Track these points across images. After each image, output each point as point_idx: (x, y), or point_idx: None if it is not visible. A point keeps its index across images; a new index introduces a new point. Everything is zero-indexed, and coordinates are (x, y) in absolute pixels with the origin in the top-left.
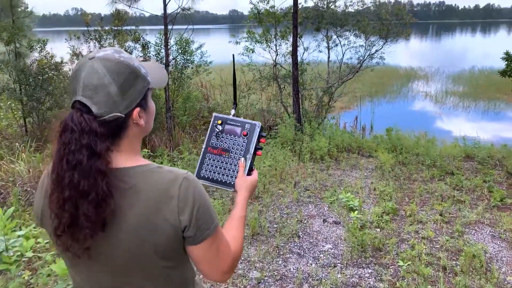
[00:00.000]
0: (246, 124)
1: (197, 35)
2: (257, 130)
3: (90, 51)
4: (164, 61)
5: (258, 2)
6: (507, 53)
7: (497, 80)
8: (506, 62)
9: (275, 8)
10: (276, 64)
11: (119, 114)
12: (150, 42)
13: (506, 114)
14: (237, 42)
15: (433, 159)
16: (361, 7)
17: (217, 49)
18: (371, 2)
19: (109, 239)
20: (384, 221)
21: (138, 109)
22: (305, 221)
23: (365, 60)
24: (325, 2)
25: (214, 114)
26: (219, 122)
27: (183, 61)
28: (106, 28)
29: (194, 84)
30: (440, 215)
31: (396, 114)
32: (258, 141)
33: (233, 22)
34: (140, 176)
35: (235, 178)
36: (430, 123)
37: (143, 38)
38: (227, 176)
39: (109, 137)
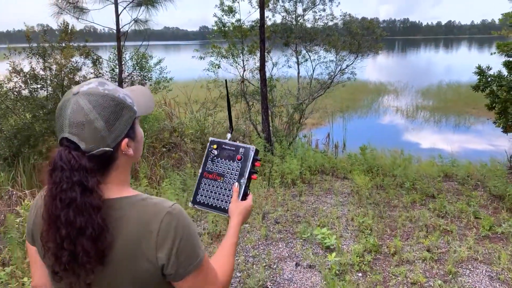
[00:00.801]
0: (241, 148)
1: (168, 51)
2: (251, 154)
3: (33, 70)
4: (117, 78)
5: (222, 16)
6: (479, 67)
7: (465, 94)
8: (478, 77)
9: (242, 21)
10: (244, 80)
11: (107, 148)
12: (101, 58)
13: (477, 128)
14: (201, 57)
15: (412, 180)
16: (331, 20)
17: (182, 65)
18: (340, 16)
19: (103, 271)
20: (366, 263)
21: (126, 139)
22: (275, 266)
23: (336, 75)
24: (294, 16)
25: (210, 138)
26: (215, 146)
27: (140, 77)
28: (54, 44)
29: (156, 102)
30: (428, 251)
31: (368, 129)
32: (253, 165)
33: (203, 38)
34: (125, 208)
35: (230, 203)
36: (403, 138)
37: (93, 52)
38: (221, 201)
39: (98, 171)
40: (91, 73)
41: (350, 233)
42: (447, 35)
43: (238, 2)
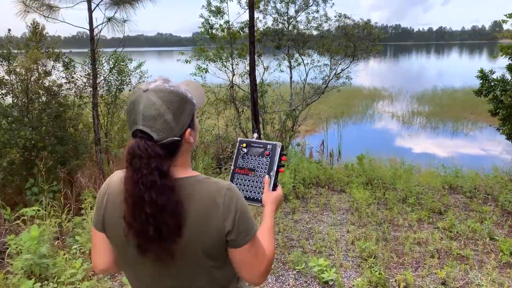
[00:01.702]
0: (268, 145)
1: (161, 57)
2: (278, 149)
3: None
4: (91, 83)
5: (209, 16)
6: (481, 71)
7: (460, 99)
8: (480, 81)
9: (230, 23)
10: (233, 85)
11: (175, 138)
12: (73, 61)
13: (475, 134)
14: (187, 61)
15: (415, 194)
16: (325, 21)
17: (172, 71)
18: (335, 17)
19: (179, 242)
20: None
21: (189, 129)
22: None
23: (331, 80)
24: (286, 18)
25: (239, 138)
26: (244, 145)
27: (118, 82)
28: (19, 44)
29: None
30: (444, 284)
31: (364, 136)
32: (280, 159)
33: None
34: (192, 185)
35: (262, 194)
36: (400, 145)
37: (64, 55)
38: (254, 192)
39: (169, 156)
40: (63, 77)
41: (351, 261)
42: (438, 41)
43: (227, 3)
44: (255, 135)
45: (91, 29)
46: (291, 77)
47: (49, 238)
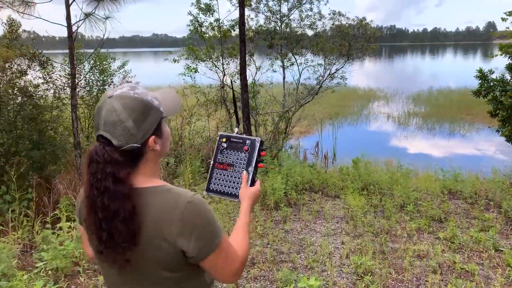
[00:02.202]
0: (247, 140)
1: (156, 58)
2: (257, 145)
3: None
4: (70, 83)
5: (198, 14)
6: (480, 71)
7: (457, 100)
8: (479, 81)
9: (221, 21)
10: (224, 85)
11: (136, 144)
12: (51, 60)
13: (473, 135)
14: (174, 60)
15: (414, 200)
16: (319, 19)
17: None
18: (329, 14)
19: (136, 250)
20: None
21: (153, 137)
22: None
23: (325, 80)
24: (278, 16)
25: (219, 133)
26: (224, 140)
27: (99, 82)
28: None
29: None
30: None
31: (359, 138)
32: (259, 154)
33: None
34: (152, 195)
35: (239, 189)
36: (396, 147)
37: (40, 54)
38: (232, 188)
39: (129, 164)
40: (39, 77)
41: (346, 278)
42: (433, 41)
43: (217, 0)
44: (236, 129)
45: (69, 26)
46: (284, 77)
47: (10, 254)
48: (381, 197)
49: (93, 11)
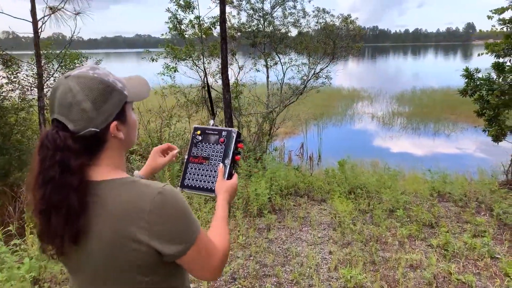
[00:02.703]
0: (223, 132)
1: (139, 58)
2: (234, 136)
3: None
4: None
5: (177, 10)
6: (466, 70)
7: (440, 100)
8: (466, 80)
9: (201, 18)
10: (205, 85)
11: (95, 129)
12: (15, 58)
13: (457, 135)
14: (153, 59)
15: (403, 204)
16: (303, 17)
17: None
18: (313, 11)
19: (84, 251)
20: None
21: (115, 122)
22: None
23: (310, 79)
24: (261, 14)
25: (194, 125)
26: (198, 132)
27: None
28: None
29: None
30: None
31: (344, 138)
32: (236, 146)
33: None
34: (113, 188)
35: (215, 183)
36: (382, 147)
37: (3, 52)
38: (208, 182)
39: (86, 152)
40: (3, 77)
41: None
42: (414, 42)
43: None
44: (211, 121)
45: (34, 21)
46: (267, 77)
47: None
48: (369, 201)
49: (60, 5)
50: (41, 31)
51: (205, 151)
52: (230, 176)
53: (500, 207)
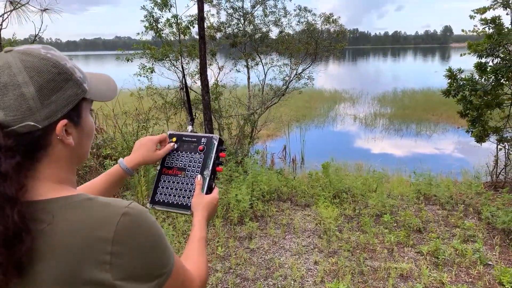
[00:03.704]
0: (203, 139)
1: (119, 61)
2: (215, 143)
3: None
4: None
5: (153, 8)
6: (449, 70)
7: (421, 101)
8: (449, 81)
9: (179, 17)
10: (184, 86)
11: (34, 123)
12: None
13: (439, 136)
14: (128, 59)
15: (389, 208)
16: (284, 16)
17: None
18: (294, 10)
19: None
20: None
21: (64, 121)
22: None
23: (292, 80)
24: (241, 13)
25: (168, 131)
26: (174, 139)
27: None
28: None
29: None
30: None
31: (327, 140)
32: (217, 155)
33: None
34: (61, 211)
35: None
36: (365, 148)
37: None
38: (183, 197)
39: (21, 154)
40: None
41: None
42: (394, 44)
43: None
44: (190, 127)
45: None
46: (248, 78)
47: None
48: (355, 205)
49: (23, 1)
50: (1, 28)
51: (180, 161)
52: (210, 190)
53: (488, 210)
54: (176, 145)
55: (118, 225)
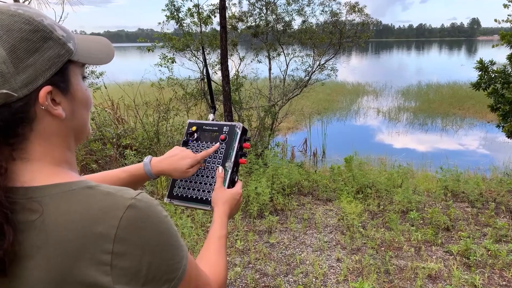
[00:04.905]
0: (224, 127)
1: (142, 53)
2: (238, 132)
3: None
4: None
5: None
6: (480, 62)
7: (447, 95)
8: (479, 73)
9: (200, 7)
10: (204, 77)
11: (9, 92)
12: None
13: (466, 131)
14: (149, 50)
15: (415, 204)
16: (307, 4)
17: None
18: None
19: None
20: None
21: (48, 88)
22: None
23: (314, 71)
24: (264, 2)
25: (188, 120)
26: (194, 128)
27: None
28: None
29: (99, 105)
30: None
31: (349, 133)
32: (241, 146)
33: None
34: (55, 201)
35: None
36: (389, 143)
37: None
38: (203, 191)
39: (3, 133)
40: None
41: None
42: (418, 37)
43: None
44: (211, 116)
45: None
46: (270, 69)
47: None
48: (379, 201)
49: None
50: None
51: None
52: (232, 184)
53: None
54: (196, 134)
55: (122, 220)
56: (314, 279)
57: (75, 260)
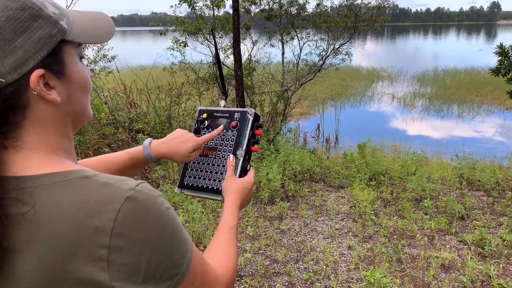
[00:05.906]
0: (236, 113)
1: (155, 37)
2: (250, 118)
3: None
4: None
5: None
6: (500, 47)
7: (464, 81)
8: (499, 58)
9: None
10: (216, 61)
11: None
12: None
13: (483, 118)
14: (161, 33)
15: (429, 192)
16: None
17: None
18: None
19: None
20: None
21: (40, 71)
22: None
23: (328, 56)
24: None
25: (198, 107)
26: (204, 116)
27: None
28: None
29: (111, 89)
30: None
31: (363, 120)
32: (253, 133)
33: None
34: (48, 192)
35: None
36: (403, 130)
37: None
38: (213, 180)
39: None
40: None
41: None
42: (436, 21)
43: None
44: (222, 102)
45: None
46: (283, 53)
47: None
48: (392, 189)
49: None
50: None
51: (212, 140)
52: (244, 173)
53: None
54: (207, 121)
55: (120, 213)
56: (324, 267)
57: (69, 255)
